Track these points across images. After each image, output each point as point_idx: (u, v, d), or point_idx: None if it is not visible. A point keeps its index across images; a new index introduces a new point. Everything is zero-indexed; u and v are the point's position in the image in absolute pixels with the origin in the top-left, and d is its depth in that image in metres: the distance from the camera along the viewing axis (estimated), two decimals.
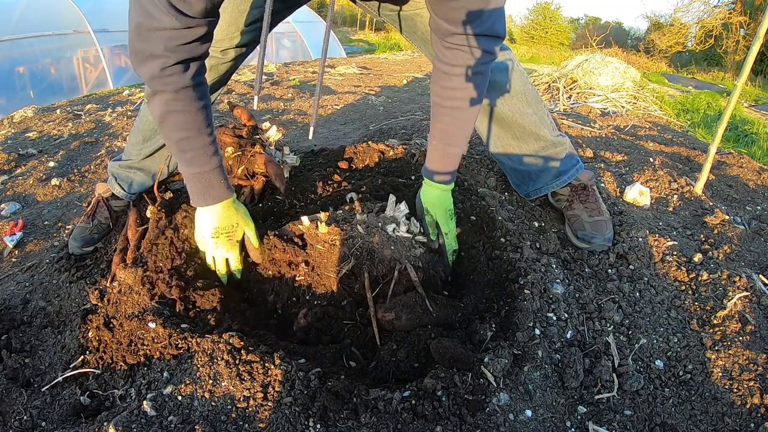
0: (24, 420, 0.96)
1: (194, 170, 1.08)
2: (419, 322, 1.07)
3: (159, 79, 0.95)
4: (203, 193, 1.10)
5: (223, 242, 1.15)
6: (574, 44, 19.92)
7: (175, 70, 0.95)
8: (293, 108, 3.73)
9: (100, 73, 5.14)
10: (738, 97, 1.74)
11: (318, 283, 1.15)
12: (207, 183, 1.09)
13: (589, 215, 1.45)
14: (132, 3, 0.89)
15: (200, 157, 1.06)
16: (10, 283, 1.48)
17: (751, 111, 5.32)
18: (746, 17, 12.33)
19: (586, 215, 1.45)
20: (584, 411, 0.97)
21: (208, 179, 1.09)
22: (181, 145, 1.04)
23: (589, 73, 4.35)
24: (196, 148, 1.05)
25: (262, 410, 0.83)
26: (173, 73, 0.95)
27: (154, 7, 0.86)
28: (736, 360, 1.06)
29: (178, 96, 0.98)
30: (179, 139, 1.04)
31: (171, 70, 0.95)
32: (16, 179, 2.27)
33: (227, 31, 1.30)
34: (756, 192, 2.04)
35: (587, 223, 1.44)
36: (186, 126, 1.02)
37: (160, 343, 0.99)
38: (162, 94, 0.98)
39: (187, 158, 1.06)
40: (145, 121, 1.52)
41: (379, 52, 10.54)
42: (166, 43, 0.91)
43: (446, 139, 1.16)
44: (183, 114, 1.01)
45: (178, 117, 1.01)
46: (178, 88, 0.97)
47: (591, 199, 1.49)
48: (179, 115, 1.01)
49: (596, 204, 1.48)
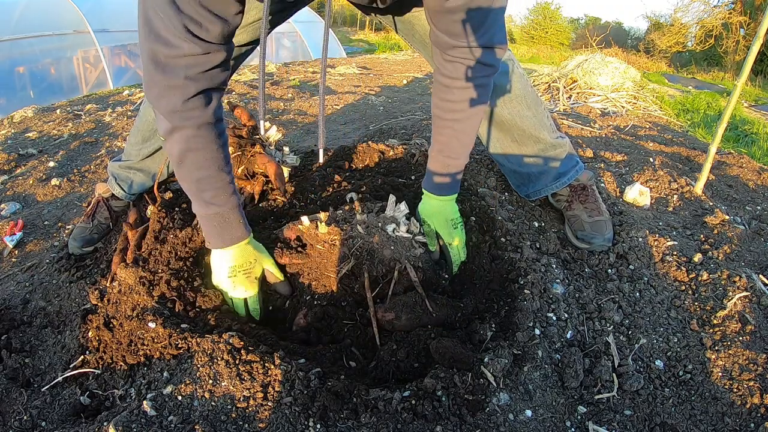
0: (24, 420, 0.96)
1: (213, 210, 1.04)
2: (419, 322, 1.07)
3: (180, 114, 0.91)
4: (221, 233, 1.06)
5: (242, 281, 1.10)
6: (574, 44, 19.92)
7: (197, 104, 0.92)
8: (293, 108, 3.73)
9: (100, 73, 5.15)
10: (738, 97, 1.74)
11: (318, 283, 1.15)
12: (226, 222, 1.06)
13: (588, 215, 1.45)
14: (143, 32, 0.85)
15: (220, 196, 1.03)
16: (10, 283, 1.48)
17: (751, 111, 5.32)
18: (746, 17, 12.33)
19: (586, 215, 1.46)
20: (584, 411, 0.97)
21: (228, 218, 1.06)
22: (200, 185, 1.01)
23: (589, 73, 4.35)
24: (217, 187, 1.02)
25: (262, 410, 0.83)
26: (195, 107, 0.92)
27: (171, 35, 0.82)
28: (736, 360, 1.06)
29: (200, 132, 0.94)
30: (199, 179, 1.00)
31: (192, 103, 0.91)
32: (16, 179, 2.27)
33: None
34: (756, 192, 2.04)
35: (587, 224, 1.44)
36: (207, 164, 0.99)
37: (160, 343, 0.99)
38: (183, 130, 0.94)
39: (207, 198, 1.02)
40: (144, 121, 1.52)
41: (379, 52, 10.54)
42: (186, 72, 0.87)
43: (446, 151, 1.15)
44: (204, 152, 0.97)
45: (199, 155, 0.97)
46: (200, 123, 0.94)
47: (590, 200, 1.49)
48: (200, 153, 0.97)
49: (596, 204, 1.49)
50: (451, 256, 1.24)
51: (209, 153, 0.98)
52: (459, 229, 1.24)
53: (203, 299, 1.13)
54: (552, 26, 21.56)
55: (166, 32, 0.83)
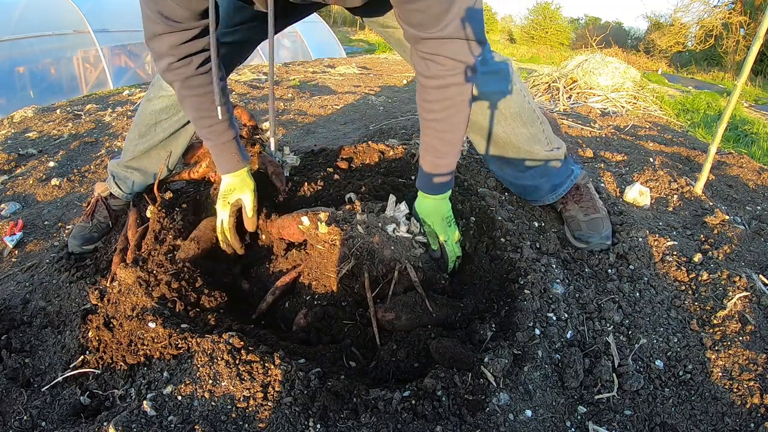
0: (24, 420, 0.96)
1: (210, 143, 1.25)
2: (419, 322, 1.07)
3: (170, 72, 1.14)
4: (218, 162, 1.28)
5: (221, 204, 1.29)
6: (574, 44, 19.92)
7: (181, 64, 1.13)
8: (293, 108, 3.73)
9: (100, 73, 5.14)
10: (738, 97, 1.74)
11: (318, 283, 1.15)
12: (220, 153, 1.26)
13: (584, 214, 1.46)
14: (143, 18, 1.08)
15: (215, 132, 1.23)
16: (10, 283, 1.48)
17: (751, 111, 5.32)
18: (746, 17, 12.33)
19: (582, 215, 1.47)
20: (584, 411, 0.97)
21: (221, 150, 1.26)
22: (197, 123, 1.24)
23: (589, 73, 4.35)
24: (209, 125, 1.22)
25: (262, 410, 0.83)
26: (179, 66, 1.13)
27: (149, 20, 1.05)
28: (736, 360, 1.06)
29: (186, 83, 1.16)
30: (195, 118, 1.23)
31: (177, 65, 1.13)
32: (16, 179, 2.27)
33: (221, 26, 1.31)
34: (756, 192, 2.04)
35: (583, 223, 1.45)
36: (198, 106, 1.20)
37: (160, 343, 0.99)
38: (175, 83, 1.17)
39: (204, 133, 1.25)
40: (141, 116, 1.52)
41: (379, 52, 10.54)
42: (168, 45, 1.09)
43: (432, 152, 1.15)
44: (194, 97, 1.18)
45: (192, 100, 1.19)
46: (185, 77, 1.15)
47: (585, 198, 1.50)
48: (192, 98, 1.19)
49: (591, 202, 1.49)
50: (447, 252, 1.25)
51: (198, 98, 1.19)
52: (453, 226, 1.26)
53: (203, 299, 1.13)
54: (552, 26, 21.57)
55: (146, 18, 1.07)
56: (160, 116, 1.49)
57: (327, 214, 1.22)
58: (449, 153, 1.15)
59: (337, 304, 1.13)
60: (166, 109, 1.47)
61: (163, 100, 1.46)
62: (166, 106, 1.47)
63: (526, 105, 1.38)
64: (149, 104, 1.49)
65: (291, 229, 1.26)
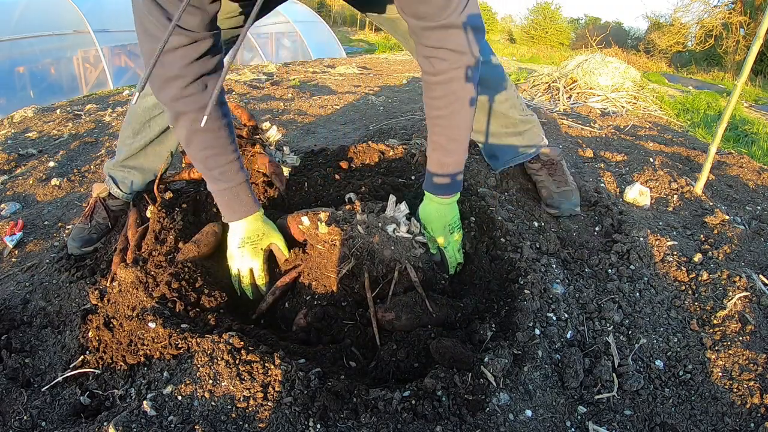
0: (24, 420, 0.96)
1: (222, 186, 1.14)
2: (419, 322, 1.07)
3: (181, 100, 1.01)
4: (231, 207, 1.16)
5: (249, 251, 1.18)
6: (574, 44, 19.93)
7: (195, 89, 1.01)
8: (293, 108, 3.73)
9: (100, 73, 5.15)
10: (738, 97, 1.74)
11: (318, 283, 1.15)
12: (235, 197, 1.15)
13: (557, 186, 1.64)
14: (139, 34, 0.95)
15: (227, 173, 1.13)
16: (10, 283, 1.48)
17: (751, 111, 5.32)
18: (746, 17, 12.33)
19: (555, 186, 1.64)
20: (584, 411, 0.97)
21: (236, 194, 1.15)
22: (208, 163, 1.11)
23: (589, 73, 4.35)
24: (223, 164, 1.12)
25: (262, 410, 0.83)
26: (193, 92, 1.01)
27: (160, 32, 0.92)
28: (736, 360, 1.06)
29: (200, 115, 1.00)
30: (206, 157, 1.10)
31: (190, 90, 1.00)
32: (16, 179, 2.28)
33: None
34: (756, 192, 2.04)
35: (555, 193, 1.62)
36: (212, 144, 1.09)
37: (160, 343, 0.99)
38: (186, 115, 1.03)
39: (215, 175, 1.12)
40: (134, 114, 1.51)
41: (379, 52, 10.54)
42: (181, 62, 0.97)
43: (439, 150, 1.16)
44: (207, 133, 1.07)
45: (204, 136, 1.07)
46: (200, 106, 1.02)
47: (558, 172, 1.67)
48: (204, 134, 1.07)
49: (563, 177, 1.67)
50: (447, 257, 1.25)
51: (212, 133, 1.08)
52: (456, 232, 1.25)
53: (203, 299, 1.13)
54: (552, 26, 21.57)
55: (155, 30, 0.93)
56: (153, 112, 1.47)
57: (327, 214, 1.22)
58: (455, 151, 1.15)
59: (337, 304, 1.13)
60: (158, 105, 1.45)
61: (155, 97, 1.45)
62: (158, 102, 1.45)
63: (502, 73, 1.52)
64: (142, 100, 1.47)
65: (291, 229, 1.26)
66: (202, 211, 1.50)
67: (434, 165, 1.18)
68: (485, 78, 1.42)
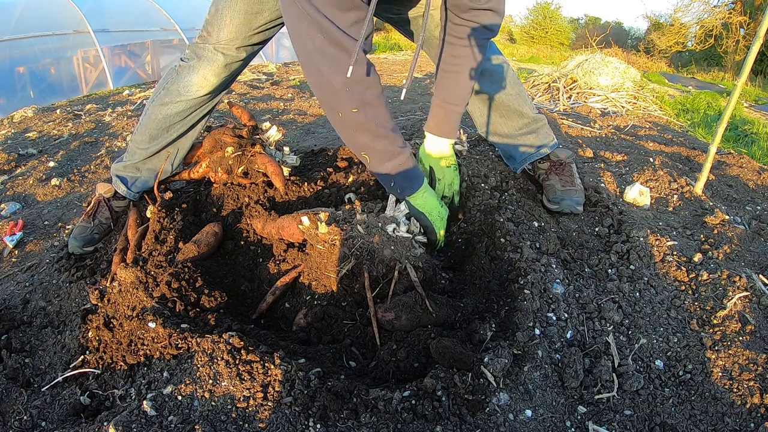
0: (24, 420, 0.96)
1: (401, 159, 1.24)
2: (419, 322, 1.07)
3: (372, 76, 1.18)
4: (415, 177, 1.29)
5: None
6: (574, 44, 19.91)
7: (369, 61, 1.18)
8: (293, 108, 3.73)
9: (100, 73, 5.15)
10: (738, 97, 1.74)
11: (318, 283, 1.15)
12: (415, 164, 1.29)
13: (562, 185, 1.64)
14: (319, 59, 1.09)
15: (400, 141, 1.25)
16: (10, 283, 1.48)
17: (751, 111, 5.32)
18: (746, 17, 12.33)
19: (560, 185, 1.64)
20: (584, 411, 0.97)
21: (414, 162, 1.29)
22: (391, 137, 1.23)
23: (589, 73, 4.35)
24: (398, 135, 1.26)
25: (262, 410, 0.83)
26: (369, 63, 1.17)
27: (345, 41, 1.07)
28: (736, 360, 1.06)
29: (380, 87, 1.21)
30: (390, 130, 1.23)
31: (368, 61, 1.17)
32: (16, 179, 2.28)
33: (241, 30, 1.40)
34: (756, 192, 2.04)
35: (559, 191, 1.62)
36: (389, 115, 1.24)
37: (160, 343, 0.99)
38: (372, 89, 1.19)
39: (400, 143, 1.25)
40: (154, 120, 1.52)
41: (379, 52, 10.53)
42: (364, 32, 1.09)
43: (449, 98, 1.37)
44: (383, 107, 1.22)
45: (381, 110, 1.21)
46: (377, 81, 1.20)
47: (566, 173, 1.67)
48: (382, 108, 1.22)
49: (571, 178, 1.66)
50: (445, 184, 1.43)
51: (385, 108, 1.23)
52: (453, 169, 1.44)
53: (203, 299, 1.13)
54: (552, 26, 21.55)
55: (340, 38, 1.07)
56: (173, 119, 1.52)
57: (327, 214, 1.22)
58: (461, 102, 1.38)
59: (337, 304, 1.13)
60: (181, 113, 1.52)
61: (180, 105, 1.49)
62: (182, 110, 1.51)
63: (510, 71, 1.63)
64: (163, 108, 1.50)
65: (291, 229, 1.26)
66: (202, 211, 1.50)
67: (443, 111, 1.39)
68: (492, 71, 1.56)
